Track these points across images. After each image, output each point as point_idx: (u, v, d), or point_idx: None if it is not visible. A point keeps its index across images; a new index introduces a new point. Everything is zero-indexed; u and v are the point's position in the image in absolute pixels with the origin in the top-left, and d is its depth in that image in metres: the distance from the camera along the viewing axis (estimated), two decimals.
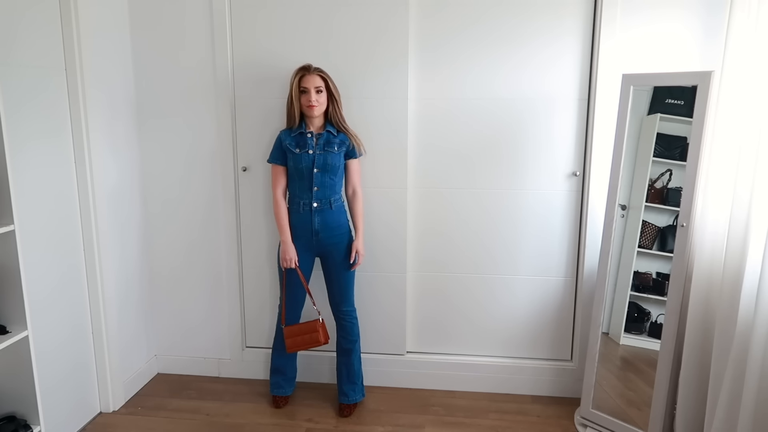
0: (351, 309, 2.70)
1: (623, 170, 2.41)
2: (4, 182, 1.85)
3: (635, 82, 2.35)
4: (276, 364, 2.78)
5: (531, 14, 2.60)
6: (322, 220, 2.55)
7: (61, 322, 2.45)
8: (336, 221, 2.58)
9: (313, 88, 2.45)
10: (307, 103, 2.46)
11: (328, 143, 2.53)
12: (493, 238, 2.82)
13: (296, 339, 2.60)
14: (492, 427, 2.63)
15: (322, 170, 2.52)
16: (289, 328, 2.61)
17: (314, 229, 2.55)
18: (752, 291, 1.91)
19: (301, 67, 2.49)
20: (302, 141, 2.52)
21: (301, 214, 2.55)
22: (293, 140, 2.53)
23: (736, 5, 2.12)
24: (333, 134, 2.55)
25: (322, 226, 2.55)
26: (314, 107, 2.46)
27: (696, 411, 2.28)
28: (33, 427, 2.01)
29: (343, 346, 2.71)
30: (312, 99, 2.45)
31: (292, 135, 2.54)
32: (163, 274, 3.04)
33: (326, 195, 2.54)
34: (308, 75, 2.47)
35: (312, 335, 2.59)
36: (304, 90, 2.47)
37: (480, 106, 2.71)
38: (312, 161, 2.51)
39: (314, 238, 2.56)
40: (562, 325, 2.87)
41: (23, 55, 2.20)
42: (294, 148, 2.52)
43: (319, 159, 2.51)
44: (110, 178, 2.69)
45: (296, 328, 2.61)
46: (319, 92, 2.47)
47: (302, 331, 2.61)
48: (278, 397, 2.79)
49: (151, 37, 2.81)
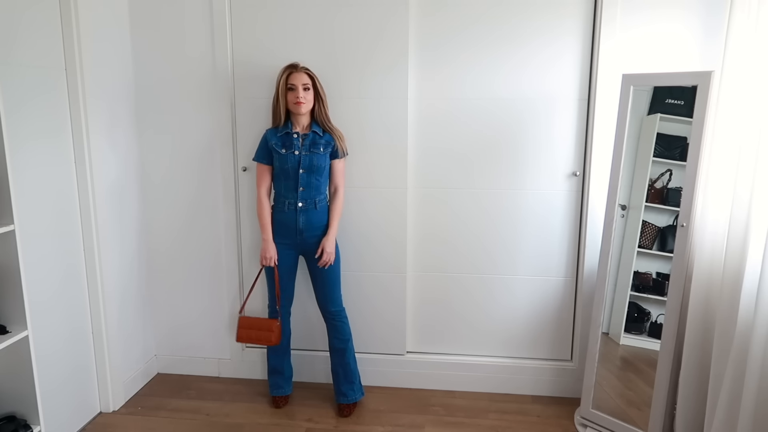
0: (338, 309, 2.69)
1: (623, 170, 2.40)
2: (4, 182, 1.85)
3: (635, 82, 2.35)
4: (273, 364, 2.78)
5: (531, 14, 2.60)
6: (306, 220, 2.56)
7: (61, 322, 2.45)
8: (320, 221, 2.59)
9: (300, 85, 2.46)
10: (294, 100, 2.47)
11: (314, 144, 2.53)
12: (493, 239, 2.82)
13: (249, 332, 2.63)
14: (492, 427, 2.63)
15: (307, 171, 2.52)
16: (245, 319, 2.65)
17: (298, 228, 2.56)
18: (752, 291, 1.91)
19: (288, 65, 2.50)
20: (288, 141, 2.52)
21: (285, 213, 2.56)
22: (279, 140, 2.53)
23: (736, 5, 2.12)
24: (319, 135, 2.55)
25: (306, 225, 2.56)
26: (302, 104, 2.47)
27: (696, 411, 2.28)
28: (33, 427, 2.01)
29: (336, 346, 2.71)
30: (300, 95, 2.46)
31: (278, 135, 2.54)
32: (163, 273, 3.04)
33: (311, 195, 2.55)
34: (295, 72, 2.48)
35: (265, 333, 2.61)
36: (291, 87, 2.48)
37: (480, 106, 2.71)
38: (298, 162, 2.51)
39: (298, 237, 2.57)
40: (562, 325, 2.87)
41: (23, 55, 2.20)
42: (280, 148, 2.52)
43: (305, 160, 2.51)
44: (110, 178, 2.69)
45: (252, 321, 2.64)
46: (306, 89, 2.48)
47: (256, 326, 2.63)
48: (278, 398, 2.79)
49: (151, 37, 2.81)
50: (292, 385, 2.85)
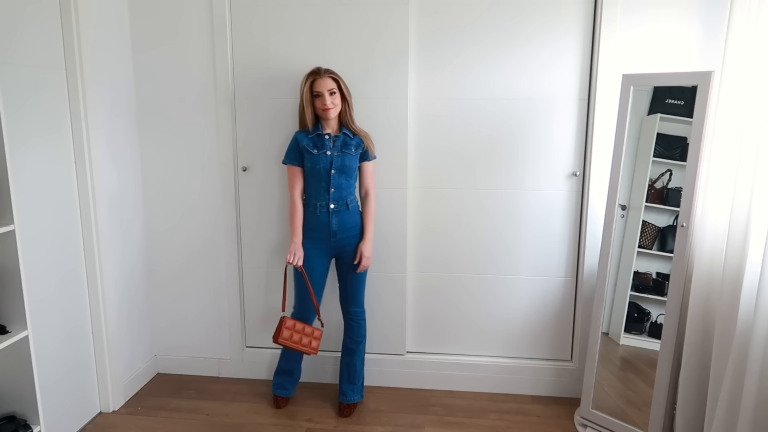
0: (360, 310, 2.70)
1: (623, 170, 2.40)
2: (4, 182, 1.84)
3: (635, 82, 2.35)
4: (285, 366, 2.76)
5: (531, 14, 2.60)
6: (339, 221, 2.55)
7: (61, 322, 2.45)
8: (352, 221, 2.58)
9: (326, 92, 2.43)
10: (322, 107, 2.45)
11: (345, 145, 2.52)
12: (493, 238, 2.82)
13: (293, 334, 2.58)
14: (492, 427, 2.63)
15: (339, 171, 2.51)
16: (290, 320, 2.59)
17: (332, 230, 2.55)
18: (752, 291, 1.91)
19: (311, 72, 2.46)
20: (320, 142, 2.51)
21: (318, 216, 2.54)
22: (310, 141, 2.51)
23: (736, 5, 2.12)
24: (350, 136, 2.54)
25: (339, 226, 2.55)
26: (330, 110, 2.45)
27: (696, 411, 2.28)
28: (33, 426, 2.01)
29: (348, 345, 2.71)
30: (327, 102, 2.43)
31: (309, 136, 2.51)
32: (162, 273, 3.04)
33: (343, 196, 2.54)
34: (320, 79, 2.44)
35: (308, 339, 2.59)
36: (317, 94, 2.45)
37: (480, 106, 2.71)
38: (330, 162, 2.49)
39: (332, 239, 2.56)
40: (562, 325, 2.87)
41: (23, 55, 2.20)
42: (312, 148, 2.50)
43: (337, 160, 2.50)
44: (110, 177, 2.69)
45: (296, 324, 2.60)
46: (332, 94, 2.45)
47: (301, 330, 2.60)
48: (280, 398, 2.79)
49: (151, 36, 2.81)
50: (296, 388, 2.84)
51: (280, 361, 2.79)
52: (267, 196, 2.87)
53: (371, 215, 2.62)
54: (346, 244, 2.59)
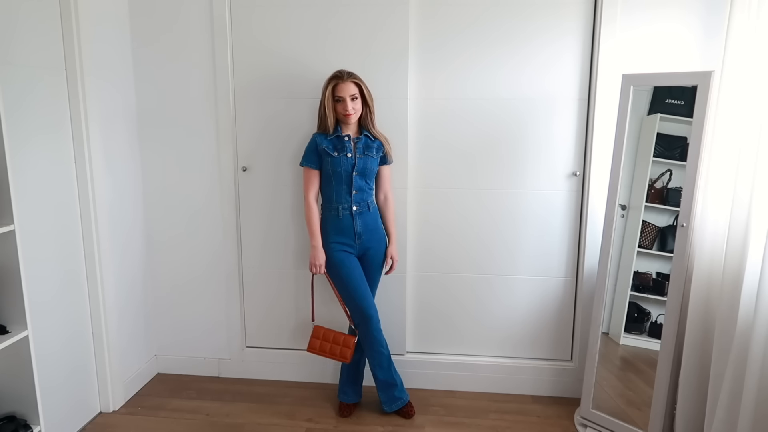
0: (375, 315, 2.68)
1: (623, 170, 2.40)
2: (4, 182, 1.85)
3: (635, 82, 2.35)
4: (343, 371, 2.73)
5: (531, 14, 2.60)
6: (363, 223, 2.55)
7: (62, 322, 2.45)
8: (374, 223, 2.59)
9: (348, 97, 2.42)
10: (344, 112, 2.43)
11: (367, 147, 2.51)
12: (493, 238, 2.82)
13: (324, 343, 2.60)
14: (492, 427, 2.63)
15: (361, 174, 2.51)
16: (320, 329, 2.62)
17: (357, 232, 2.55)
18: (752, 291, 1.91)
19: (334, 75, 2.44)
20: (340, 144, 2.49)
21: (341, 219, 2.53)
22: (330, 143, 2.49)
23: (736, 5, 2.12)
24: (371, 139, 2.53)
25: (363, 228, 2.56)
26: (351, 115, 2.44)
27: (696, 411, 2.28)
28: (33, 427, 2.01)
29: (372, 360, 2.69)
30: (348, 108, 2.42)
31: (328, 138, 2.50)
32: (162, 273, 3.04)
33: (364, 198, 2.55)
34: (342, 83, 2.42)
35: (340, 348, 2.58)
36: (339, 99, 2.43)
37: (480, 106, 2.71)
38: (352, 165, 2.48)
39: (357, 240, 2.56)
40: (562, 325, 2.87)
41: (23, 55, 2.20)
42: (332, 150, 2.48)
43: (360, 162, 2.49)
44: (110, 178, 2.69)
45: (327, 333, 2.61)
46: (354, 99, 2.43)
47: (332, 339, 2.60)
48: (342, 404, 2.74)
49: (151, 36, 2.81)
50: (359, 394, 2.78)
51: (341, 366, 2.78)
52: (267, 196, 2.87)
53: (393, 219, 2.65)
54: (369, 246, 2.59)
